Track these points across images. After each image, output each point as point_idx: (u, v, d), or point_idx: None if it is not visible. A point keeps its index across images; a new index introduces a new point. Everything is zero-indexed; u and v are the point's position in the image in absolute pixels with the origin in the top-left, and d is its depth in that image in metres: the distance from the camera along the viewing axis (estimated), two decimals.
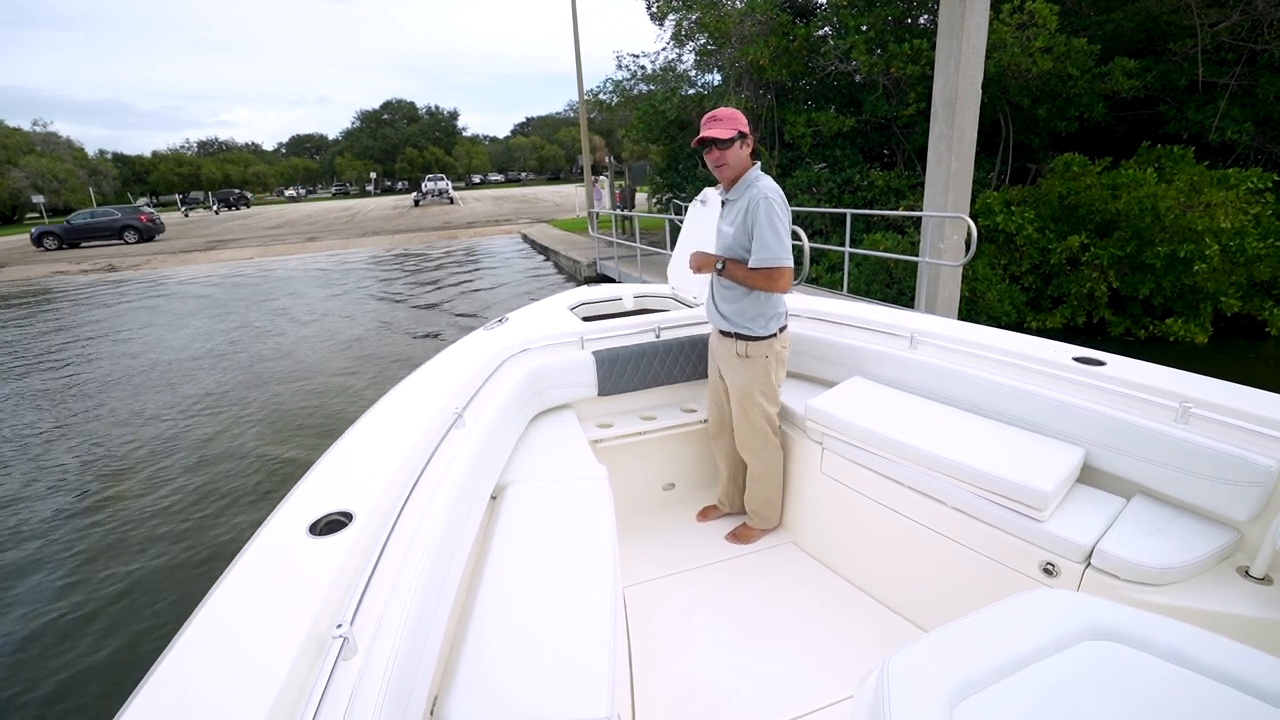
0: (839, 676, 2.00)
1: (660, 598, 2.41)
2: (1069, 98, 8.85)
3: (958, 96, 5.86)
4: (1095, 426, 1.90)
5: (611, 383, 2.80)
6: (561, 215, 28.08)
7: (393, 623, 1.13)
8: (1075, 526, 1.73)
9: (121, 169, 71.69)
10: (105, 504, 4.93)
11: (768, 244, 2.20)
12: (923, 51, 8.78)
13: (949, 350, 2.41)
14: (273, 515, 1.34)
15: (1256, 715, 0.97)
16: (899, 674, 1.07)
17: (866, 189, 10.30)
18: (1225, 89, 8.33)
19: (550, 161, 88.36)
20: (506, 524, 1.80)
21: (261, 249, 24.00)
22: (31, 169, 51.59)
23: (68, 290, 17.12)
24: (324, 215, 43.50)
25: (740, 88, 11.56)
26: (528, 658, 1.29)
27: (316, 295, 13.93)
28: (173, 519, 4.65)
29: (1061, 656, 1.10)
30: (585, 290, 3.61)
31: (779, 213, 2.20)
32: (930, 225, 6.33)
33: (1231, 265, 6.90)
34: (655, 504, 3.03)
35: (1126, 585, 1.60)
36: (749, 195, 2.24)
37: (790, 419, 2.68)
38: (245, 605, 1.07)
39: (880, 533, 2.27)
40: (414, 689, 1.13)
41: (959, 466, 1.93)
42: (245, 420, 6.58)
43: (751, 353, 2.41)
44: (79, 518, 4.75)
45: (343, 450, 1.65)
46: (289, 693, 0.91)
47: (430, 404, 1.95)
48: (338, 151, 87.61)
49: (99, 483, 5.31)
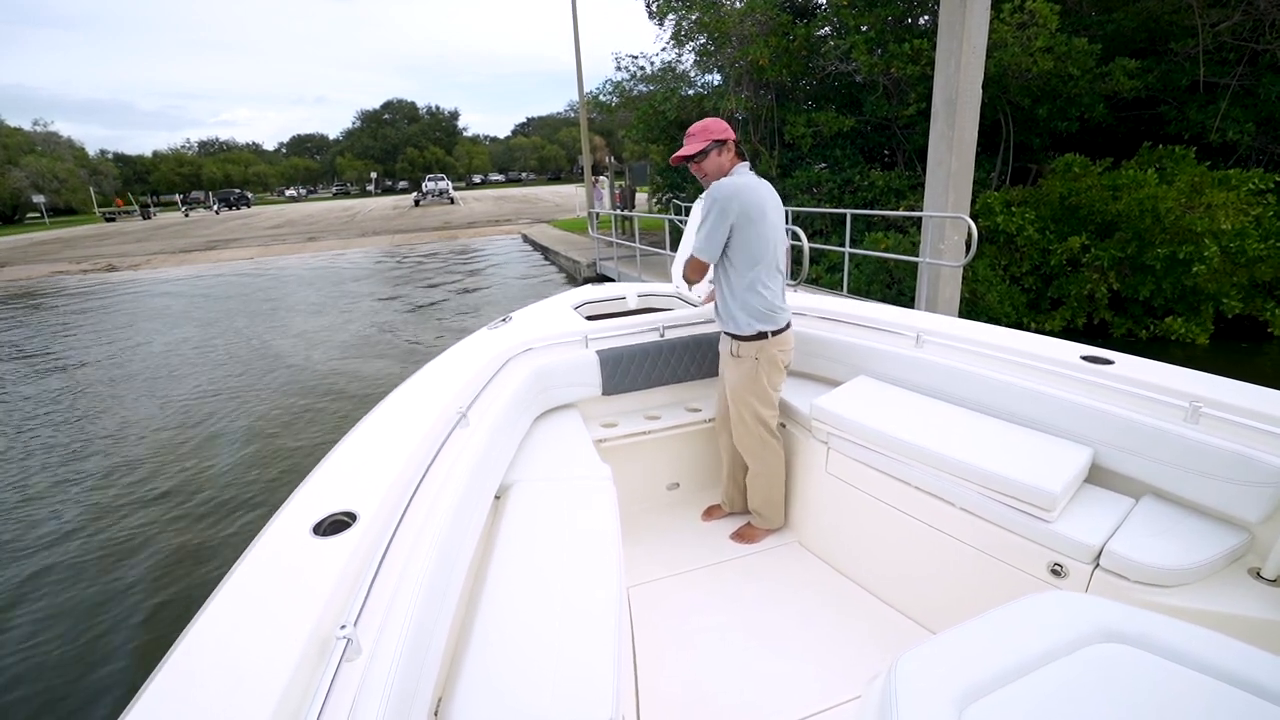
0: (844, 677, 1.99)
1: (664, 598, 2.40)
2: (1070, 98, 8.84)
3: (958, 96, 5.86)
4: (1104, 426, 1.88)
5: (615, 382, 2.79)
6: (562, 215, 28.11)
7: (396, 624, 1.12)
8: (1084, 527, 1.72)
9: (122, 169, 71.90)
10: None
11: (698, 237, 2.38)
12: (923, 51, 8.78)
13: (955, 349, 2.39)
14: (276, 516, 1.33)
15: (1269, 719, 0.96)
16: (907, 675, 1.06)
17: (867, 189, 10.29)
18: (1227, 89, 8.32)
19: (551, 162, 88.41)
20: (510, 524, 1.79)
21: (262, 249, 24.02)
22: (32, 169, 51.70)
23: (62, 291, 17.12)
24: (324, 215, 43.55)
25: (740, 88, 11.54)
26: (532, 659, 1.28)
27: (311, 294, 13.95)
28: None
29: (1071, 659, 1.09)
30: (589, 289, 3.60)
31: (710, 210, 2.31)
32: (930, 226, 6.33)
33: (1233, 266, 6.89)
34: (659, 504, 3.03)
35: (1136, 586, 1.59)
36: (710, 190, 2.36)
37: (795, 418, 2.67)
38: (248, 606, 1.06)
39: (886, 533, 2.26)
40: (418, 690, 1.13)
41: (966, 466, 1.92)
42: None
43: (741, 352, 2.43)
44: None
45: (346, 450, 1.65)
46: (292, 694, 0.91)
47: (434, 403, 1.94)
48: (338, 151, 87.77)
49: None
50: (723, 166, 2.39)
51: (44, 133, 59.98)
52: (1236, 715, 0.96)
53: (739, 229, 2.30)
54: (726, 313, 2.45)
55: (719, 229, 2.30)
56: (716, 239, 2.32)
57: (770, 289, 2.38)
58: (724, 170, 2.39)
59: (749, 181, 2.32)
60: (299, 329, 10.67)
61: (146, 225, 43.73)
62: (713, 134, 2.36)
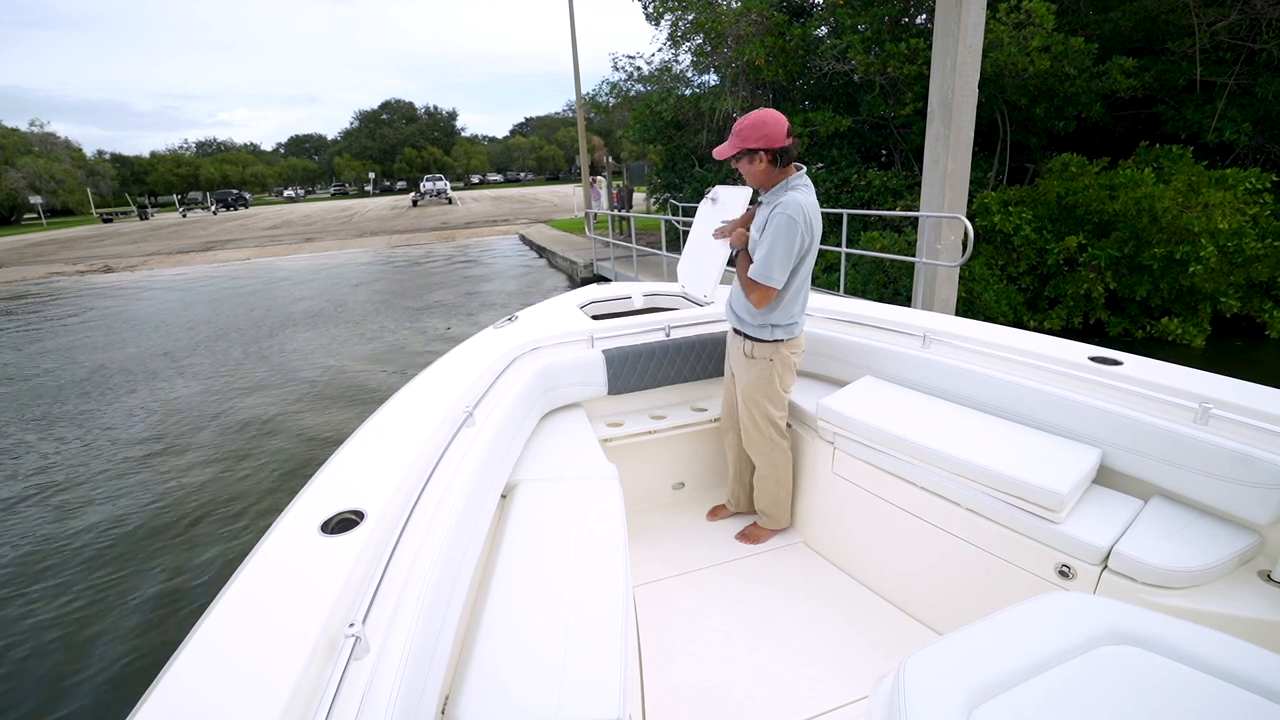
0: (851, 678, 1.99)
1: (670, 597, 2.40)
2: (1067, 97, 8.86)
3: (954, 96, 5.86)
4: (1112, 427, 1.87)
5: (621, 381, 2.79)
6: (560, 215, 28.09)
7: (405, 622, 1.12)
8: (1092, 528, 1.71)
9: (120, 169, 71.62)
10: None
11: (763, 259, 2.19)
12: (919, 51, 8.79)
13: (962, 349, 2.39)
14: (284, 514, 1.34)
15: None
16: (915, 676, 1.06)
17: (864, 189, 10.29)
18: (1223, 89, 8.35)
19: (549, 162, 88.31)
20: (517, 523, 1.79)
21: (259, 249, 23.97)
22: (29, 169, 51.47)
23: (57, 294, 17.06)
24: (322, 216, 43.47)
25: (737, 88, 11.55)
26: (539, 657, 1.29)
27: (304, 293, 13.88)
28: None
29: (1080, 660, 1.09)
30: (595, 289, 3.60)
31: (786, 233, 2.13)
32: (927, 225, 6.33)
33: (1230, 266, 6.91)
34: (665, 503, 3.03)
35: (1144, 588, 1.58)
36: (775, 204, 2.20)
37: (801, 418, 2.67)
38: (258, 604, 1.07)
39: (892, 533, 2.26)
40: (425, 688, 1.13)
41: (973, 467, 1.91)
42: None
43: (756, 354, 2.40)
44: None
45: (354, 448, 1.65)
46: (302, 692, 0.91)
47: (441, 402, 1.95)
48: (336, 152, 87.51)
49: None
50: (758, 173, 2.23)
51: (41, 133, 59.76)
52: (1246, 717, 0.96)
53: (802, 253, 2.21)
54: (750, 315, 2.36)
55: (790, 254, 2.15)
56: (788, 265, 2.17)
57: (799, 303, 2.34)
58: (762, 176, 2.23)
59: (813, 200, 2.20)
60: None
61: (143, 226, 43.60)
62: (745, 140, 2.17)
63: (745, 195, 2.41)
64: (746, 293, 2.27)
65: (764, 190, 2.30)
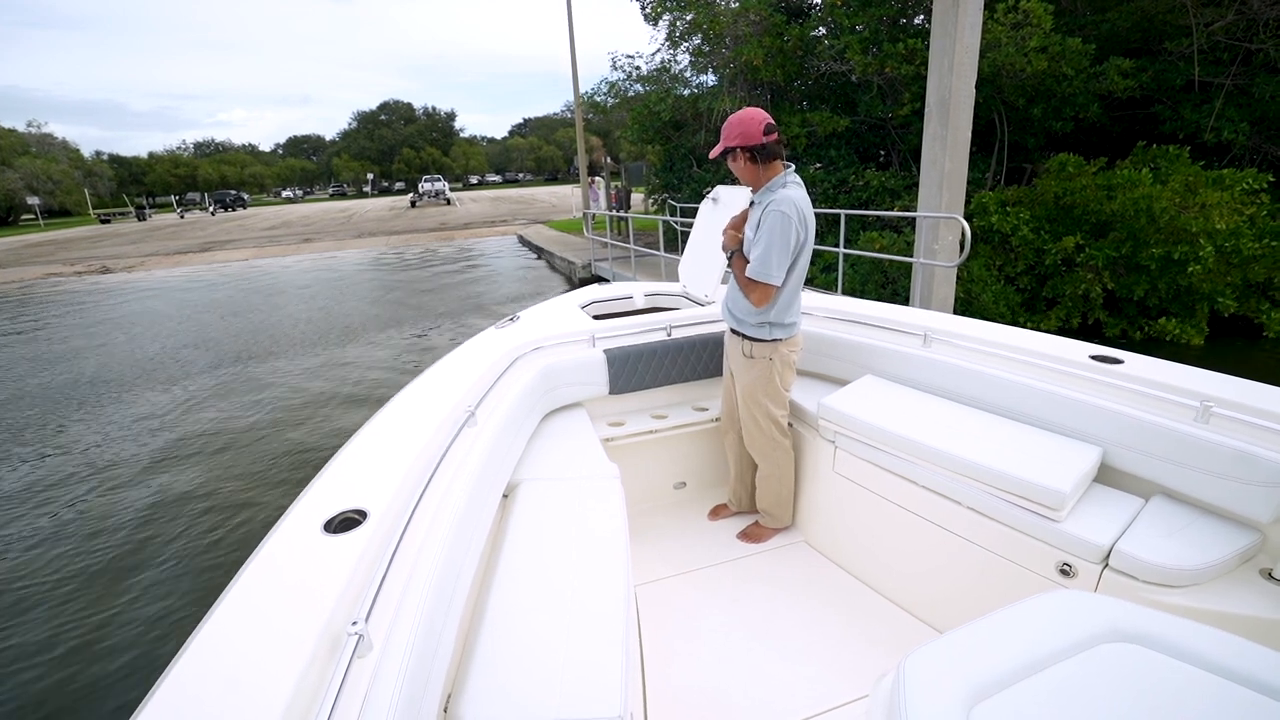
0: (852, 676, 1.99)
1: (672, 596, 2.40)
2: (1064, 97, 8.87)
3: (952, 96, 5.87)
4: (1113, 426, 1.87)
5: (623, 381, 2.79)
6: (558, 216, 28.11)
7: (407, 620, 1.13)
8: (1093, 527, 1.71)
9: (117, 170, 71.48)
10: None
11: (759, 257, 2.19)
12: (917, 51, 8.80)
13: (963, 349, 2.39)
14: (288, 513, 1.34)
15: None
16: (916, 674, 1.06)
17: (862, 189, 10.30)
18: (1221, 89, 8.37)
19: (548, 162, 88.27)
20: (519, 522, 1.79)
21: (257, 249, 23.95)
22: (26, 170, 51.32)
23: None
24: (320, 216, 43.42)
25: (735, 88, 11.56)
26: (540, 656, 1.29)
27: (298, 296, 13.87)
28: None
29: (1080, 658, 1.09)
30: (596, 289, 3.60)
31: (781, 229, 2.14)
32: (924, 226, 6.33)
33: (1227, 266, 6.92)
34: (666, 503, 3.03)
35: (1145, 586, 1.58)
36: (766, 202, 2.21)
37: (802, 417, 2.67)
38: (261, 602, 1.07)
39: (894, 532, 2.26)
40: (428, 687, 1.14)
41: (974, 466, 1.92)
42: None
43: (756, 353, 2.40)
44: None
45: (357, 448, 1.65)
46: (305, 689, 0.92)
47: (443, 402, 1.95)
48: (335, 152, 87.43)
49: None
50: (747, 171, 2.26)
51: (38, 134, 59.55)
52: (1247, 715, 0.96)
53: (798, 248, 2.22)
54: (749, 315, 2.36)
55: (787, 250, 2.16)
56: (785, 262, 2.18)
57: (796, 300, 2.35)
58: (751, 173, 2.26)
59: (804, 196, 2.20)
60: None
61: (142, 227, 43.50)
62: (726, 139, 2.21)
63: (745, 194, 2.42)
64: (746, 293, 2.27)
65: (754, 189, 2.31)
